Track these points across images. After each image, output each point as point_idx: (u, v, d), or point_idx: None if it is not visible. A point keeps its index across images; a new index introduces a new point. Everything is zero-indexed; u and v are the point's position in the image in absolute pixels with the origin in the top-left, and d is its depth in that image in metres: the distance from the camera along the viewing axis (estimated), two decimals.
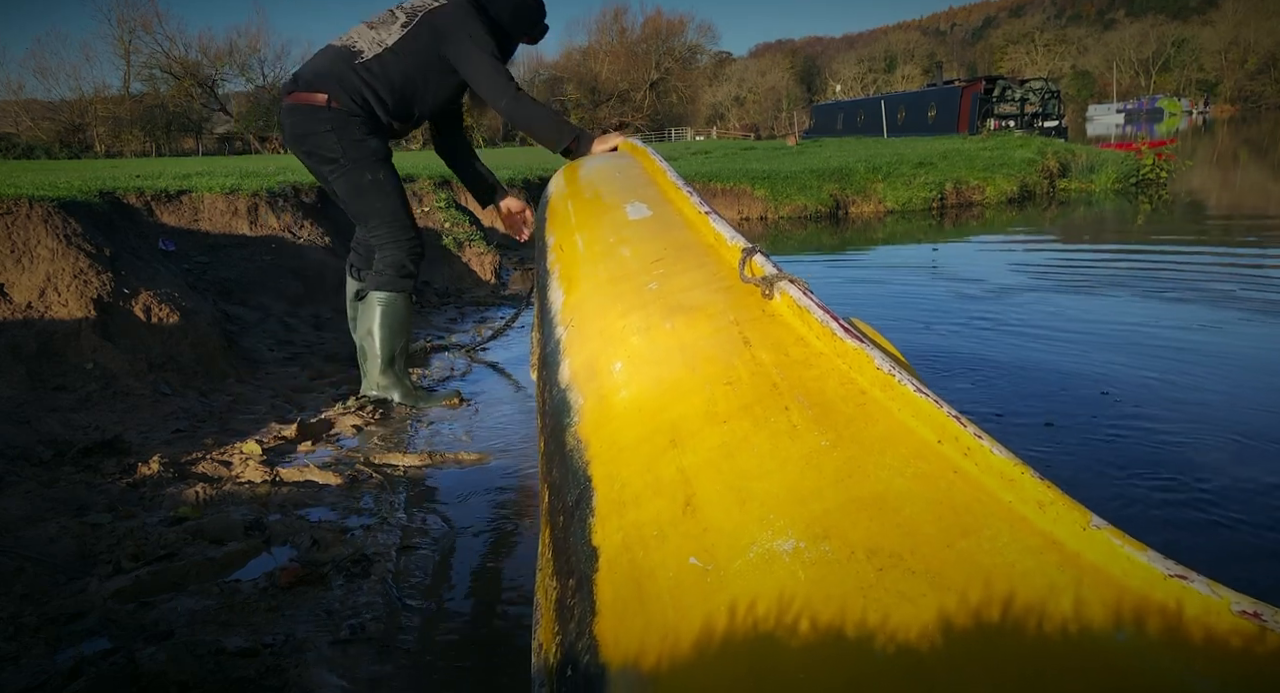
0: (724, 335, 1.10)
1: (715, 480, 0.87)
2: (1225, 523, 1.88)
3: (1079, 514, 0.69)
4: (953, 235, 7.71)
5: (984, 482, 0.75)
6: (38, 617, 1.50)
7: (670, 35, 55.26)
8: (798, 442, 0.87)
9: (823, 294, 1.13)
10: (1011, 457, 0.76)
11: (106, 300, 2.83)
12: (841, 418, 0.88)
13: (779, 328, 1.08)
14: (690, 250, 1.43)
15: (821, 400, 0.91)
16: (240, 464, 2.27)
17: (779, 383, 0.96)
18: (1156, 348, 3.26)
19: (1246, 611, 0.60)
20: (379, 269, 2.73)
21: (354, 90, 2.52)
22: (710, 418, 0.96)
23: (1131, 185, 10.93)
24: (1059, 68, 75.99)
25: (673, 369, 1.10)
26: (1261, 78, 67.08)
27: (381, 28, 2.57)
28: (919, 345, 3.45)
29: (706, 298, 1.22)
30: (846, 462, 0.82)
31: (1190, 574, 0.63)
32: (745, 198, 9.57)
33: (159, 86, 41.60)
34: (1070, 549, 0.67)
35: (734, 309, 1.16)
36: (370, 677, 1.39)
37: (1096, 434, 2.40)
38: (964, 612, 0.65)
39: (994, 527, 0.71)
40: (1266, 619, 0.59)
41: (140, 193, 4.82)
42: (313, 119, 2.52)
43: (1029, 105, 24.94)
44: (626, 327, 1.26)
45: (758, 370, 1.00)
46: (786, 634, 0.69)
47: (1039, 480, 0.73)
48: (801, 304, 1.08)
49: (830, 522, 0.76)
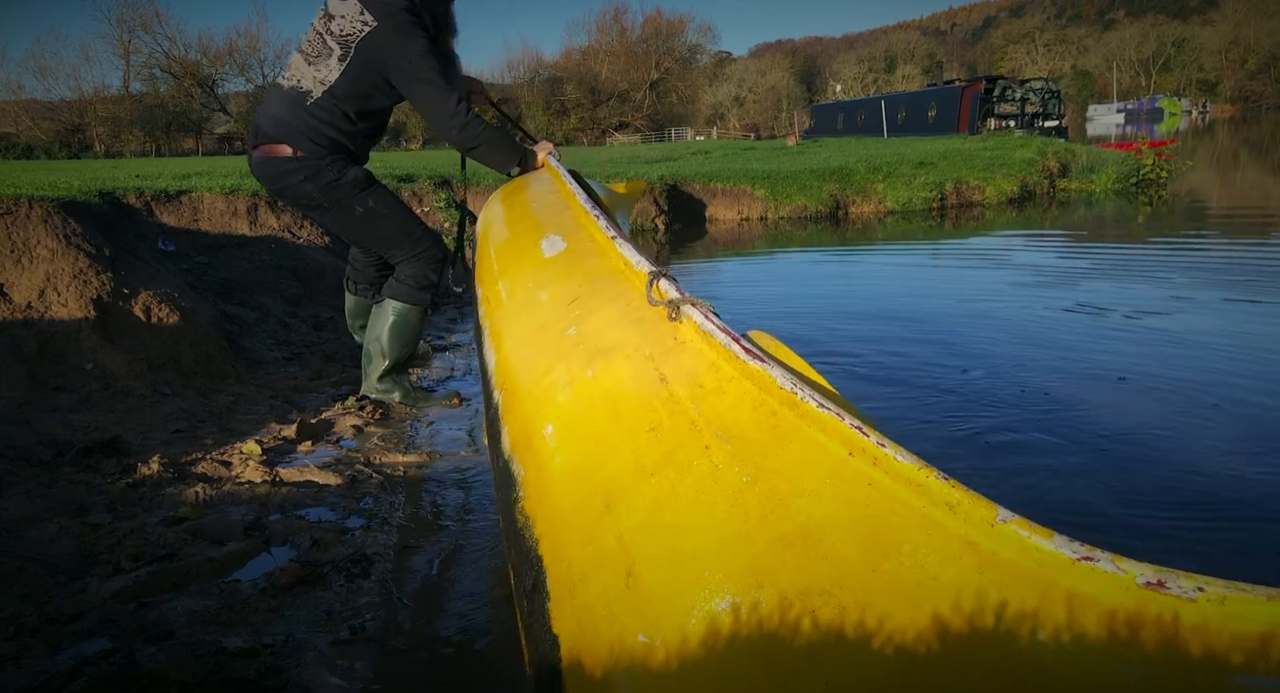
0: (642, 375, 1.10)
1: (651, 543, 0.88)
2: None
3: (986, 510, 0.71)
4: (974, 231, 7.71)
5: (896, 491, 0.77)
6: (38, 617, 1.50)
7: (670, 35, 55.24)
8: (720, 483, 0.88)
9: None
10: (915, 460, 0.77)
11: (106, 300, 2.83)
12: (758, 447, 0.89)
13: (691, 356, 1.08)
14: (604, 281, 1.42)
15: (738, 431, 0.92)
16: (240, 464, 2.27)
17: (696, 419, 0.97)
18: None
19: (1151, 581, 0.62)
20: (399, 277, 2.71)
21: (314, 133, 2.46)
22: (639, 473, 0.97)
23: (1132, 185, 10.93)
24: (1059, 68, 75.97)
25: (599, 423, 1.10)
26: (1261, 78, 67.05)
27: (319, 63, 2.45)
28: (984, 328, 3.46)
29: (623, 334, 1.22)
30: (768, 495, 0.83)
31: (1096, 554, 0.65)
32: (745, 198, 9.57)
33: (159, 86, 41.56)
34: (986, 549, 0.69)
35: (649, 342, 1.16)
36: (370, 677, 1.39)
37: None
38: (898, 641, 0.66)
39: (913, 539, 0.72)
40: (1170, 586, 0.61)
41: (140, 193, 4.82)
42: (284, 170, 2.48)
43: (1029, 105, 24.92)
44: (552, 383, 1.26)
45: (676, 409, 1.01)
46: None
47: (943, 481, 0.74)
48: (705, 328, 1.08)
49: (761, 567, 0.77)
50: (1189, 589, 0.61)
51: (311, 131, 2.45)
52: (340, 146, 2.52)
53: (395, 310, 2.72)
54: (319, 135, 2.46)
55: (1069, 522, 1.91)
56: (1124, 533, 1.87)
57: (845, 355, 3.38)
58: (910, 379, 3.03)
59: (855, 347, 3.51)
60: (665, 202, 9.12)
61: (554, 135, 46.30)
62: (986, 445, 2.38)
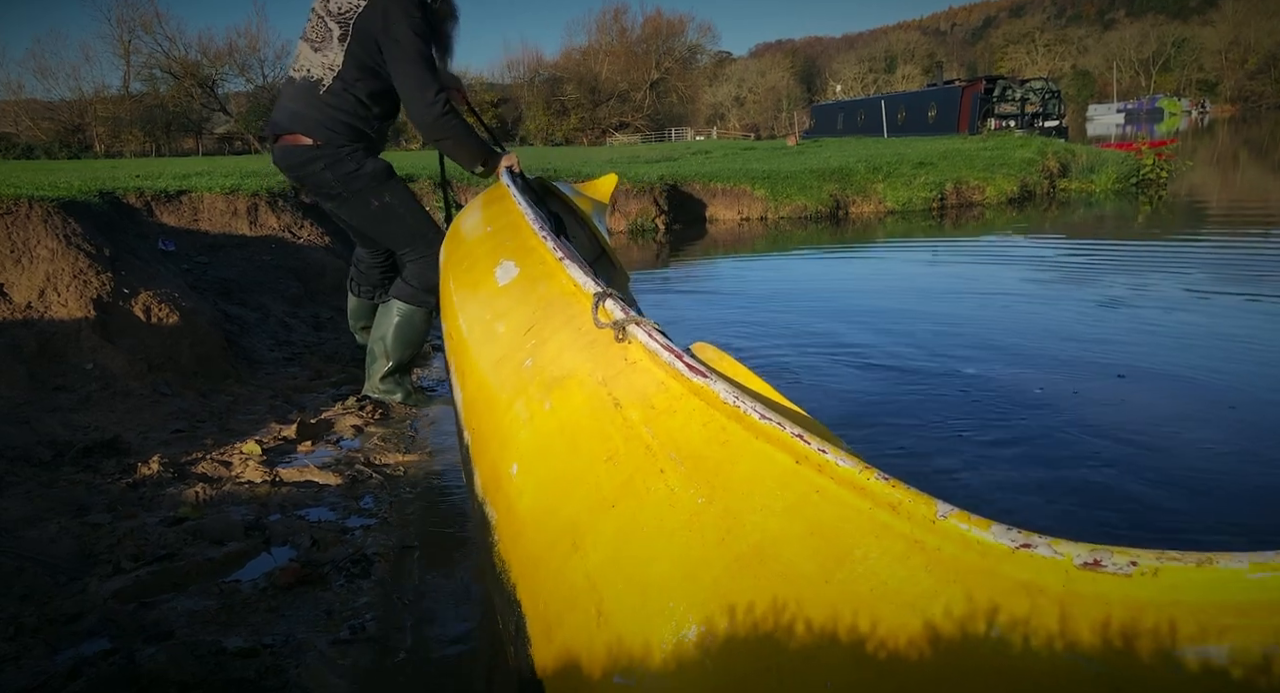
0: (596, 401, 1.11)
1: (617, 579, 0.89)
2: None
3: (926, 508, 0.71)
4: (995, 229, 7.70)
5: (842, 496, 0.77)
6: (38, 617, 1.50)
7: (670, 35, 55.23)
8: (677, 508, 0.88)
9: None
10: (856, 463, 0.78)
11: (106, 300, 2.83)
12: (710, 465, 0.90)
13: (641, 377, 1.08)
14: (556, 306, 1.41)
15: (691, 450, 0.93)
16: (240, 464, 2.27)
17: (650, 443, 0.98)
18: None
19: (1087, 561, 0.62)
20: (406, 278, 2.71)
21: (331, 121, 2.47)
22: (601, 506, 0.97)
23: (1132, 185, 10.93)
24: (1059, 68, 75.95)
25: (559, 458, 1.11)
26: (1261, 78, 67.02)
27: (325, 48, 2.45)
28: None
29: (576, 360, 1.21)
30: (723, 515, 0.84)
31: (1033, 540, 0.65)
32: (745, 198, 9.57)
33: (159, 86, 41.54)
34: (931, 547, 0.70)
35: (601, 366, 1.15)
36: (370, 677, 1.39)
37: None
38: (857, 653, 0.67)
39: (863, 544, 0.73)
40: (1106, 565, 0.62)
41: (140, 193, 4.82)
42: (305, 159, 2.50)
43: (1029, 105, 24.90)
44: (514, 420, 1.25)
45: (631, 435, 1.01)
46: None
47: (884, 482, 0.75)
48: (650, 347, 1.08)
49: (723, 591, 0.78)
50: (1123, 565, 0.61)
51: (329, 120, 2.47)
52: (359, 134, 2.53)
53: (400, 312, 2.72)
54: (335, 124, 2.48)
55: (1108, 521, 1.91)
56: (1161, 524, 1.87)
57: (888, 355, 3.38)
58: (934, 374, 3.03)
59: (893, 344, 3.51)
60: (665, 201, 9.12)
61: (554, 135, 46.33)
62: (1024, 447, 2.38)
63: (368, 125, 2.55)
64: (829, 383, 3.04)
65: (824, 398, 2.86)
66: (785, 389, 1.05)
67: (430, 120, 2.42)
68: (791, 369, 3.23)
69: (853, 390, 2.94)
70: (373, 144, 2.62)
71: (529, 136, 46.64)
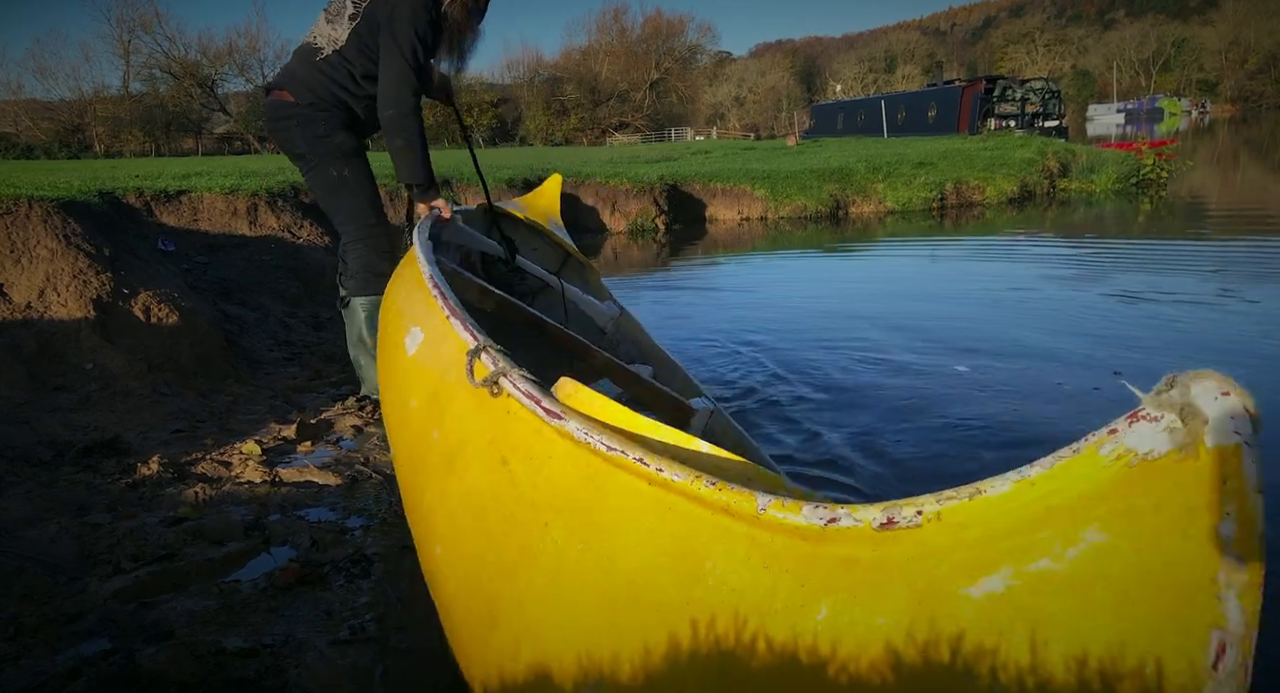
0: (490, 464, 1.11)
1: (530, 651, 0.90)
2: None
3: (749, 503, 0.73)
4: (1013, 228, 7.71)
5: (689, 509, 0.79)
6: (38, 617, 1.50)
7: (670, 35, 55.25)
8: (563, 562, 0.90)
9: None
10: (687, 472, 0.80)
11: (106, 300, 2.83)
12: (584, 506, 0.91)
13: (520, 427, 1.08)
14: (454, 368, 1.38)
15: (568, 496, 0.94)
16: (240, 464, 2.27)
17: (536, 497, 0.99)
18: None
19: (883, 522, 0.65)
20: (353, 271, 2.72)
21: (319, 87, 2.54)
22: (507, 576, 0.98)
23: (1132, 185, 10.93)
24: (1059, 68, 75.95)
25: (469, 533, 1.11)
26: (1261, 78, 67.00)
27: (336, 22, 2.54)
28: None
29: (471, 424, 1.20)
30: (600, 559, 0.86)
31: (838, 513, 0.68)
32: (745, 198, 9.57)
33: (158, 86, 41.56)
34: (764, 541, 0.72)
35: (490, 424, 1.15)
36: (370, 677, 1.39)
37: None
38: (723, 667, 0.69)
39: (713, 554, 0.75)
40: (898, 520, 0.64)
41: (140, 193, 4.82)
42: (282, 115, 2.58)
43: (1029, 105, 24.92)
44: (431, 502, 1.25)
45: (519, 494, 1.02)
46: None
47: (711, 487, 0.77)
48: (516, 397, 1.09)
49: (606, 642, 0.80)
50: (911, 516, 0.64)
51: (316, 84, 2.55)
52: (341, 105, 2.59)
53: (364, 305, 2.73)
54: (322, 89, 2.55)
55: None
56: None
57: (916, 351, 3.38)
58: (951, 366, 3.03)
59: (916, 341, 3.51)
60: (665, 201, 9.12)
61: (554, 135, 46.31)
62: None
63: (354, 101, 2.61)
64: (857, 380, 3.05)
65: (858, 397, 2.86)
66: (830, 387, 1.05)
67: (393, 115, 2.47)
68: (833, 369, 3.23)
69: (876, 386, 2.95)
70: (356, 121, 2.65)
71: (529, 136, 46.62)
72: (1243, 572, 0.53)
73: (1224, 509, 0.54)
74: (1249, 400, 0.55)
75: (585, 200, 8.96)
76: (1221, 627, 0.53)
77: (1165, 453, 0.56)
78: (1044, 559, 0.58)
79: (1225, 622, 0.53)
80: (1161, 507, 0.56)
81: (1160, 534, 0.56)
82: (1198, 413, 0.55)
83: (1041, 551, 0.59)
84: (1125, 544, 0.57)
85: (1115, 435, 0.58)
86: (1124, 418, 0.58)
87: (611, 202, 8.97)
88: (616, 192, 9.00)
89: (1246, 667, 0.53)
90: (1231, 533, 0.54)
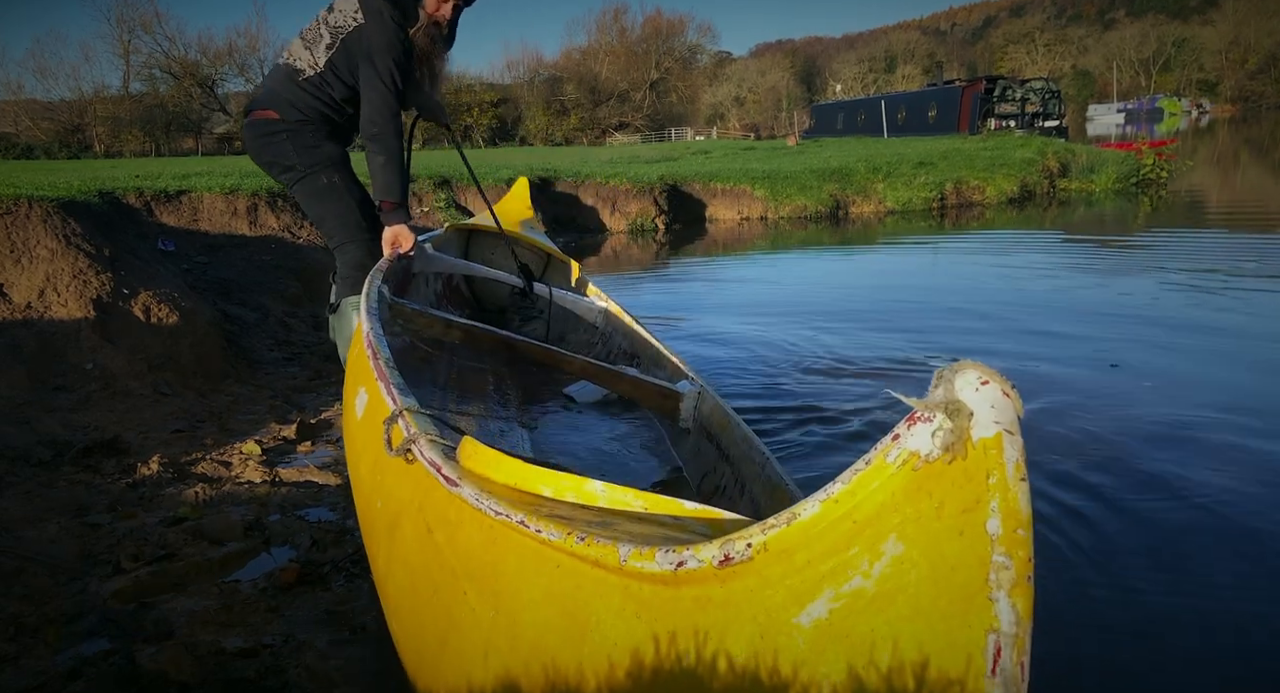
0: (418, 532, 1.10)
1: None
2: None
3: (613, 554, 0.73)
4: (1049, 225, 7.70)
5: (573, 565, 0.80)
6: (38, 617, 1.50)
7: (670, 35, 55.25)
8: (479, 627, 0.90)
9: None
10: (562, 529, 0.80)
11: (106, 300, 2.83)
12: (491, 570, 0.91)
13: (438, 494, 1.07)
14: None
15: (480, 560, 0.94)
16: (240, 464, 2.27)
17: (455, 565, 0.98)
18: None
19: (720, 559, 0.65)
20: (342, 274, 2.76)
21: (302, 104, 2.66)
22: (443, 650, 0.98)
23: (1132, 185, 10.93)
24: (1059, 68, 75.89)
25: (407, 605, 1.11)
26: (1261, 78, 66.94)
27: (314, 47, 2.67)
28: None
29: (403, 492, 1.19)
30: (509, 623, 0.86)
31: (685, 556, 0.67)
32: (745, 198, 9.57)
33: (158, 86, 41.54)
34: (634, 590, 0.72)
35: (417, 491, 1.13)
36: (370, 677, 1.39)
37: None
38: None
39: (596, 611, 0.76)
40: (734, 556, 0.64)
41: (140, 193, 4.82)
42: (269, 129, 2.68)
43: (1029, 105, 24.90)
44: (381, 570, 1.24)
45: (442, 562, 1.01)
46: None
47: (580, 542, 0.77)
48: (421, 463, 1.08)
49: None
50: (742, 550, 0.63)
51: (300, 102, 2.66)
52: (325, 119, 2.69)
53: (354, 305, 2.74)
54: (306, 106, 2.66)
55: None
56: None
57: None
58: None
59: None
60: (665, 201, 9.12)
61: (554, 135, 46.28)
62: None
63: (336, 114, 2.71)
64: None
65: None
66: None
67: (376, 133, 2.59)
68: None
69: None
70: (338, 130, 2.75)
71: (529, 136, 46.60)
72: (1011, 569, 0.52)
73: (990, 505, 0.53)
74: (1007, 384, 0.54)
75: (585, 200, 8.96)
76: (996, 630, 0.52)
77: (940, 454, 0.55)
78: (856, 578, 0.57)
79: (998, 624, 0.52)
80: (943, 509, 0.55)
81: (943, 538, 0.54)
82: (962, 408, 0.54)
83: (854, 568, 0.58)
84: (917, 553, 0.55)
85: (898, 441, 0.57)
86: (904, 421, 0.57)
87: (611, 201, 8.97)
88: (616, 191, 9.00)
89: (1023, 666, 0.52)
90: (998, 530, 0.53)
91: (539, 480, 1.02)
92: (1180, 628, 1.54)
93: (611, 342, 2.83)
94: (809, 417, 2.67)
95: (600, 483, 0.98)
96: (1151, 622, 1.56)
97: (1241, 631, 1.53)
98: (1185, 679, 1.42)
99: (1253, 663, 1.45)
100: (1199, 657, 1.47)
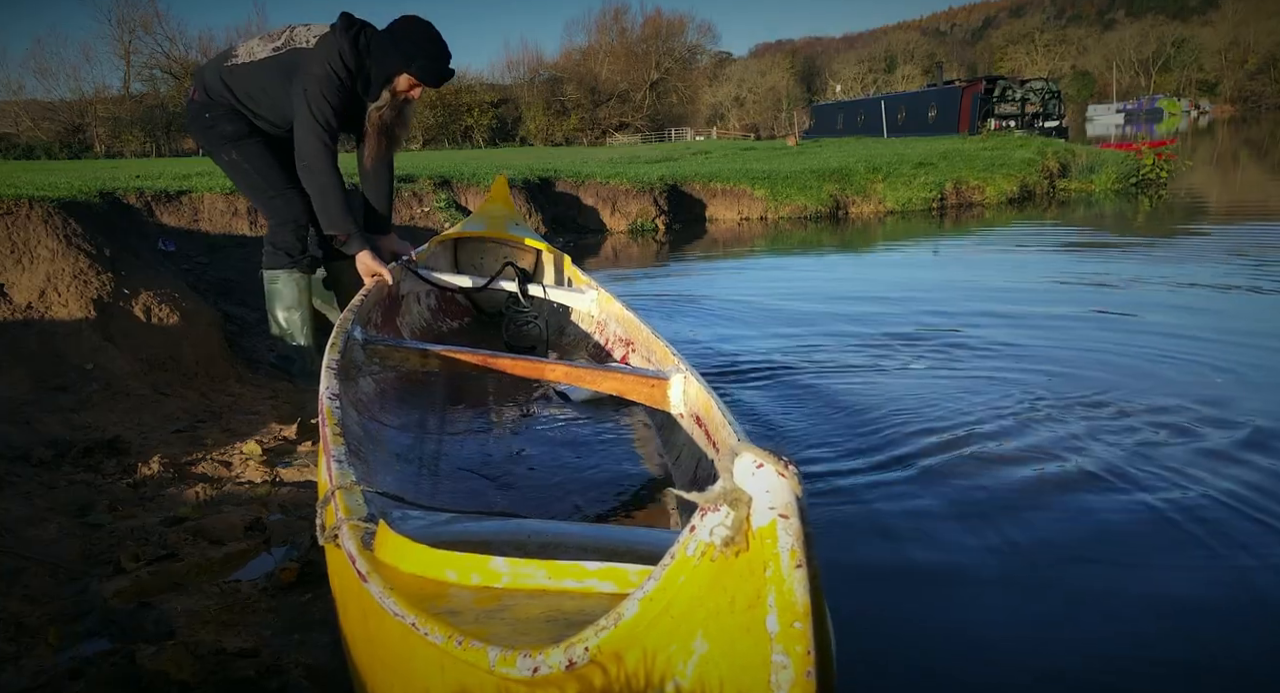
0: (359, 617, 1.07)
1: None
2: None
3: (483, 658, 0.72)
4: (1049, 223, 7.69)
5: (457, 667, 0.78)
6: (38, 617, 1.50)
7: (670, 35, 55.25)
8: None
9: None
10: (447, 630, 0.78)
11: (106, 301, 2.83)
12: (404, 668, 0.90)
13: (359, 583, 1.05)
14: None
15: (394, 656, 0.93)
16: (240, 464, 2.27)
17: (384, 657, 0.97)
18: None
19: (565, 664, 0.63)
20: (265, 242, 2.85)
21: (213, 87, 2.74)
22: None
23: (1131, 185, 10.93)
24: (1059, 68, 75.89)
25: (363, 680, 1.09)
26: (1261, 78, 66.95)
27: (265, 43, 2.73)
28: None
29: (346, 576, 1.15)
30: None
31: (539, 661, 0.66)
32: (745, 198, 9.57)
33: (159, 87, 41.52)
34: (511, 691, 0.70)
35: (351, 577, 1.10)
36: None
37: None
38: None
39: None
40: (576, 660, 0.62)
41: (140, 193, 4.83)
42: (187, 107, 2.85)
43: (1029, 105, 24.92)
44: (346, 650, 1.21)
45: (373, 652, 1.00)
46: None
47: (459, 645, 0.75)
48: (343, 558, 1.06)
49: None
50: (581, 654, 0.62)
51: (213, 83, 2.75)
52: (232, 107, 2.75)
53: (271, 279, 2.84)
54: (216, 91, 2.74)
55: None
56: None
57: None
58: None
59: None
60: (665, 201, 9.12)
61: (554, 135, 46.28)
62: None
63: (246, 108, 2.75)
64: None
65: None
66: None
67: (305, 167, 2.66)
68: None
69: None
70: (240, 119, 2.77)
71: (529, 137, 46.61)
72: (789, 668, 0.50)
73: (768, 601, 0.51)
74: (781, 465, 0.51)
75: (585, 200, 8.97)
76: None
77: (727, 547, 0.53)
78: (674, 679, 0.55)
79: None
80: (735, 604, 0.52)
81: (736, 636, 0.52)
82: (741, 495, 0.52)
83: (673, 669, 0.56)
84: (718, 652, 0.53)
85: (694, 533, 0.54)
86: (698, 512, 0.54)
87: (611, 201, 8.98)
88: (616, 191, 9.01)
89: None
90: (775, 627, 0.50)
91: (444, 565, 0.99)
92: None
93: (607, 329, 2.86)
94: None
95: (504, 559, 0.96)
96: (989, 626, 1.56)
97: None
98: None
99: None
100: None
